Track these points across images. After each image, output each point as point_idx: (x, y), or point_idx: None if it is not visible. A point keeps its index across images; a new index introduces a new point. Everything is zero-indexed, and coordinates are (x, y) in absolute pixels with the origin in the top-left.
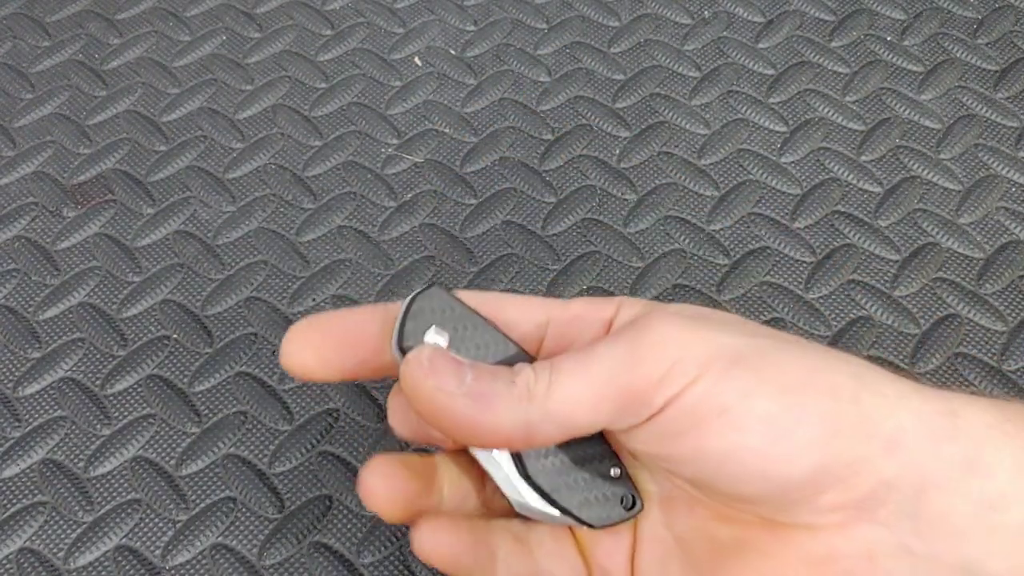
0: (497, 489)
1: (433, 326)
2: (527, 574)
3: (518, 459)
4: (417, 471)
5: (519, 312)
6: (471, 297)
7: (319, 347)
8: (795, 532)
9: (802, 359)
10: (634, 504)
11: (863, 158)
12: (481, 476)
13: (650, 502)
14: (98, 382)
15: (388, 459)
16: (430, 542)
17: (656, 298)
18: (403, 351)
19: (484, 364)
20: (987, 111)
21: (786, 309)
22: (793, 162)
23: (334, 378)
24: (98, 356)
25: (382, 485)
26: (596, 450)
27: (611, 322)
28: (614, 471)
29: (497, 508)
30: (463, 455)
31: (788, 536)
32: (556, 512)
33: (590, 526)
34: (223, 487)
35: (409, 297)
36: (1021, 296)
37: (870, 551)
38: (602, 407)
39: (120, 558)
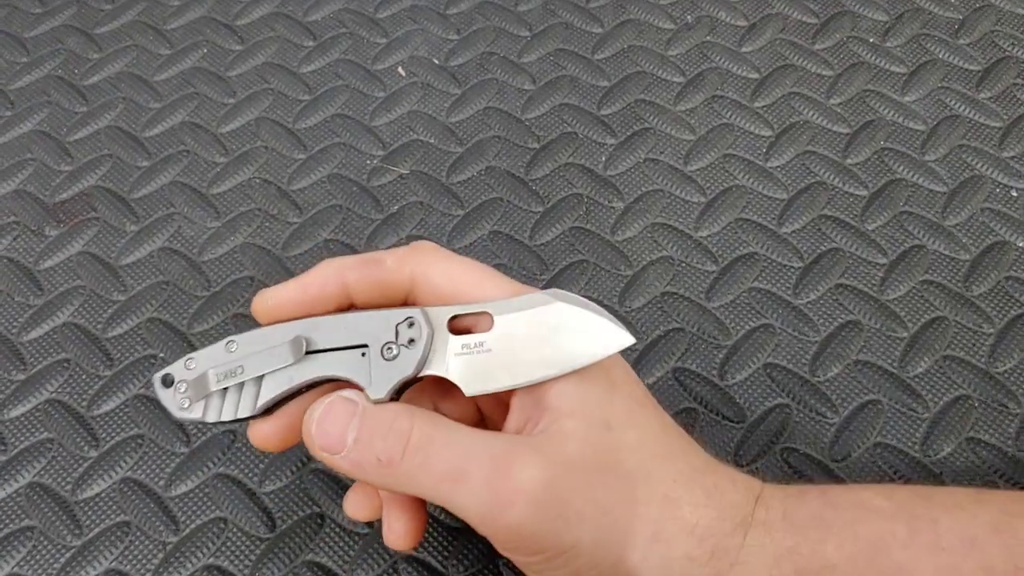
0: None
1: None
2: None
3: None
4: None
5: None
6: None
7: None
8: None
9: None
10: None
11: (848, 161)
12: None
13: None
14: (84, 403)
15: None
16: None
17: (646, 306)
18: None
19: (371, 417)
20: (970, 111)
21: (775, 315)
22: (779, 166)
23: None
24: (84, 377)
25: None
26: None
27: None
28: None
29: None
30: None
31: None
32: None
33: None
34: (213, 507)
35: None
36: (1007, 298)
37: None
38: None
39: None
